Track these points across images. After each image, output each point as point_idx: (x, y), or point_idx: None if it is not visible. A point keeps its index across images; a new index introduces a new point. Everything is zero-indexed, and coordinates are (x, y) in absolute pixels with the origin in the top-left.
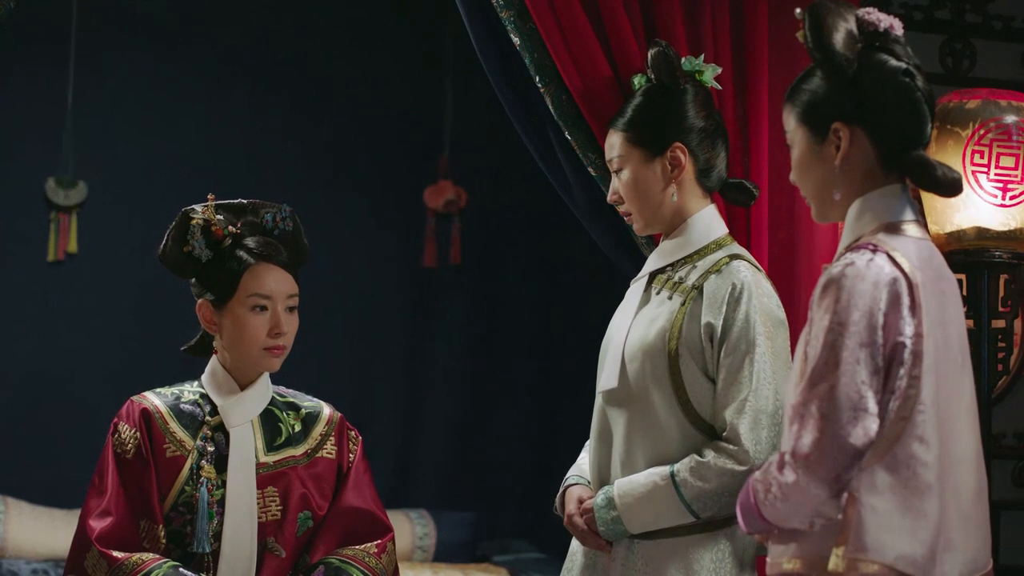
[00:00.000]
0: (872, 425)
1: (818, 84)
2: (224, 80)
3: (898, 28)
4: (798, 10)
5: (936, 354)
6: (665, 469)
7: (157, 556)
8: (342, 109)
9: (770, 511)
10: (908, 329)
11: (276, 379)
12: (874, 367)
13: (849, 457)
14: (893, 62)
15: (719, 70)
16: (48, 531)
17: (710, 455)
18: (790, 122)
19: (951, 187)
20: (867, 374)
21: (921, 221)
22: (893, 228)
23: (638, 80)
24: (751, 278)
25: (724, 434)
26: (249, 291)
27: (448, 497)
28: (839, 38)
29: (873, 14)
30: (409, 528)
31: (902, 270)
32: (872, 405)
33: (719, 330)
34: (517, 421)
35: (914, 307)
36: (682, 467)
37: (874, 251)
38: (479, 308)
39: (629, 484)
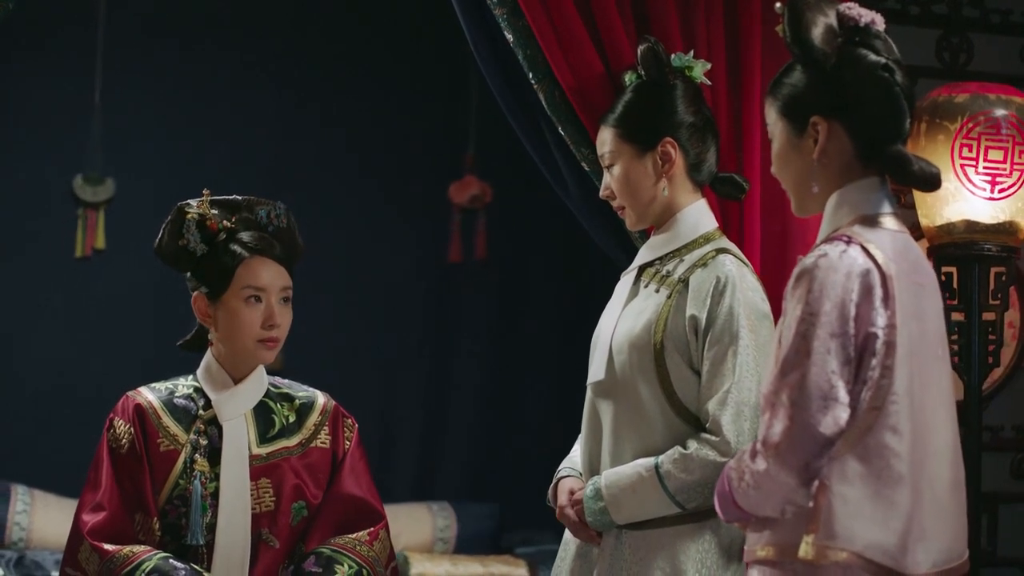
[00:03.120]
0: (842, 414)
1: (798, 78)
2: (250, 78)
3: (879, 23)
4: (778, 4)
5: (911, 345)
6: (650, 461)
7: (148, 548)
8: (367, 106)
9: (743, 499)
10: (880, 320)
11: (293, 373)
12: (845, 357)
13: (819, 445)
14: (872, 57)
15: (708, 66)
16: None
17: (693, 446)
18: (771, 115)
19: (928, 182)
20: (838, 364)
21: (899, 214)
22: (869, 220)
23: (629, 77)
24: (735, 272)
25: (707, 425)
26: (243, 283)
27: (472, 489)
28: (817, 33)
29: (854, 9)
30: (430, 520)
31: (875, 262)
32: (842, 394)
33: (703, 323)
34: (541, 414)
35: (887, 298)
36: (666, 459)
37: (848, 243)
38: (504, 303)
39: (616, 475)
